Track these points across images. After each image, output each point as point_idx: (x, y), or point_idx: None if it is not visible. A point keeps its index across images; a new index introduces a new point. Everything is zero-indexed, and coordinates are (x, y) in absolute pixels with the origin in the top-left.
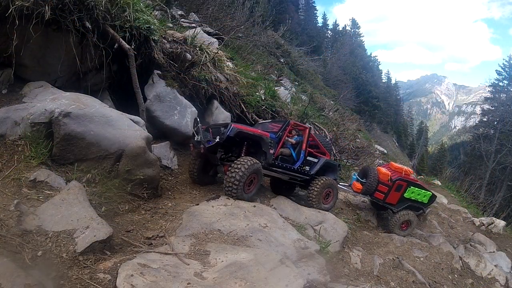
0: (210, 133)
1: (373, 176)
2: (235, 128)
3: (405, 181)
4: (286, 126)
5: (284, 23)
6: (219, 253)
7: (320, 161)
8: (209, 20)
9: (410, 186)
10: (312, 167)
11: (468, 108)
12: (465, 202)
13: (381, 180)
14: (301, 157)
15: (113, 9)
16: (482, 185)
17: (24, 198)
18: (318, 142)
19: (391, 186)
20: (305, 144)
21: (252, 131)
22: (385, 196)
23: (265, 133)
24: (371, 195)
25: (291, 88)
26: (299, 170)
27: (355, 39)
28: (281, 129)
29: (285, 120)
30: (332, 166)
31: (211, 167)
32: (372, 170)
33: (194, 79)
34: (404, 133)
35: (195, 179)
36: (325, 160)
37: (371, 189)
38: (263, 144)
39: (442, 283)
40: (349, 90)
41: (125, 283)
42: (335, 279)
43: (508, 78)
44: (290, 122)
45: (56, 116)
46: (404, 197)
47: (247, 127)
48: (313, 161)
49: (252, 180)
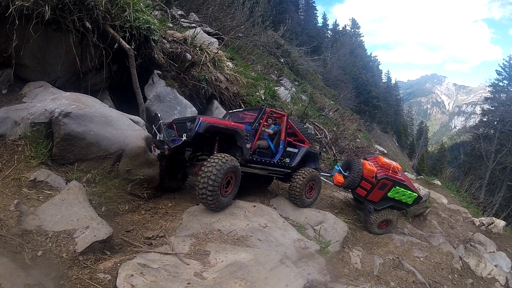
0: (175, 130)
1: (357, 170)
2: (204, 122)
3: (391, 181)
4: (262, 115)
5: (284, 23)
6: (219, 253)
7: (301, 151)
8: (209, 20)
9: (395, 186)
10: (292, 158)
11: (468, 108)
12: (465, 202)
13: (365, 176)
14: (280, 148)
15: (113, 9)
16: (482, 185)
17: (24, 198)
18: (296, 129)
19: (375, 184)
20: (283, 133)
21: (225, 124)
22: (367, 194)
23: (239, 125)
24: (352, 190)
25: (291, 88)
26: (279, 163)
27: (355, 39)
28: (256, 119)
29: (260, 108)
30: (313, 155)
31: (179, 169)
32: (356, 163)
33: (194, 79)
34: (404, 133)
35: (165, 185)
36: (306, 150)
37: (353, 184)
38: (238, 138)
39: (442, 283)
40: (349, 90)
41: (125, 283)
42: (335, 279)
43: (508, 78)
44: (266, 110)
45: (56, 116)
46: (388, 196)
47: (218, 120)
48: (293, 152)
49: (229, 180)
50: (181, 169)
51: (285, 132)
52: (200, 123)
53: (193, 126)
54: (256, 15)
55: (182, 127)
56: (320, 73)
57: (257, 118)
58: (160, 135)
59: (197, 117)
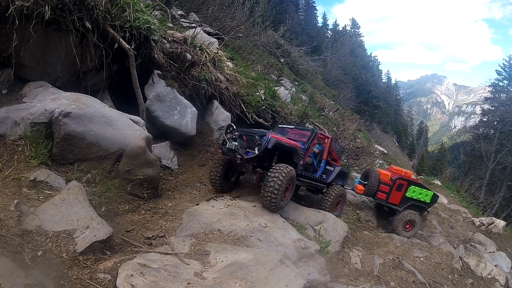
0: (244, 141)
1: (374, 176)
2: (272, 140)
3: (406, 181)
4: (314, 137)
5: (284, 23)
6: (219, 253)
7: (335, 170)
8: (209, 20)
9: (410, 185)
10: (328, 175)
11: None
12: (465, 202)
13: (382, 180)
14: (321, 166)
15: (113, 9)
16: (482, 185)
17: (24, 198)
18: (332, 149)
19: (392, 186)
20: (326, 153)
21: (288, 143)
22: (387, 196)
23: (297, 144)
24: (374, 196)
25: (291, 88)
26: (319, 179)
27: (355, 39)
28: (309, 140)
29: (312, 130)
30: (344, 174)
31: (233, 173)
32: (373, 171)
33: (194, 79)
34: (404, 133)
35: (217, 187)
36: (340, 169)
37: (373, 189)
38: (295, 155)
39: (442, 283)
40: (349, 90)
41: (125, 283)
42: (335, 279)
43: (508, 78)
44: (317, 133)
45: (56, 116)
46: (406, 197)
47: (281, 138)
48: (330, 170)
49: (287, 187)
50: (235, 173)
51: (327, 152)
52: (269, 140)
53: (263, 142)
54: (256, 15)
55: (251, 139)
56: (320, 73)
57: (309, 139)
58: (232, 144)
59: (265, 133)
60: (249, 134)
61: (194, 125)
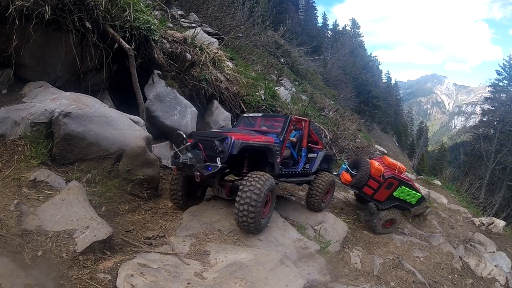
0: (202, 150)
1: (365, 169)
2: (237, 142)
3: (398, 180)
4: (289, 124)
5: (284, 23)
6: (219, 253)
7: (319, 155)
8: (209, 20)
9: (401, 186)
10: (312, 163)
11: (468, 108)
12: (465, 202)
13: (372, 175)
14: (302, 156)
15: (113, 9)
16: (482, 185)
17: (24, 198)
18: (312, 131)
19: (382, 183)
20: (305, 140)
21: (258, 141)
22: (374, 193)
23: (269, 139)
24: (359, 189)
25: (291, 88)
26: (303, 172)
27: (355, 39)
28: (283, 129)
29: (284, 116)
30: (328, 157)
31: (198, 187)
32: (364, 162)
33: (194, 79)
34: (404, 133)
35: (180, 205)
36: (324, 153)
37: (361, 183)
38: (270, 154)
39: (442, 283)
40: (349, 90)
41: (125, 283)
42: (335, 279)
43: (508, 78)
44: (292, 118)
45: (56, 116)
46: (393, 196)
47: (249, 136)
48: (312, 157)
49: (266, 201)
50: (201, 187)
51: (307, 138)
52: (233, 144)
53: (225, 147)
54: (256, 15)
55: (210, 146)
56: (320, 73)
57: (283, 129)
58: (186, 157)
59: (227, 136)
60: (206, 139)
61: (194, 125)
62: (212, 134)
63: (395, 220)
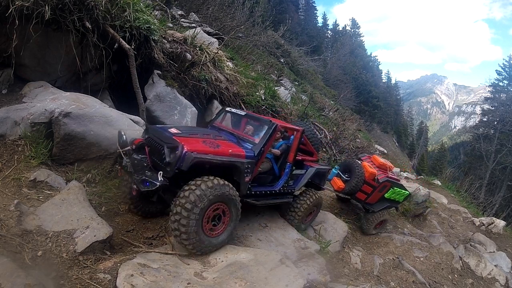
0: (147, 155)
1: (359, 174)
2: (190, 156)
3: (391, 182)
4: (272, 134)
5: (284, 23)
6: (219, 253)
7: (309, 172)
8: (209, 20)
9: (393, 187)
10: (297, 181)
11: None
12: (465, 202)
13: (366, 180)
14: (285, 172)
15: (113, 9)
16: (482, 185)
17: (24, 198)
18: (307, 140)
19: (376, 187)
20: (293, 154)
21: (220, 155)
22: (367, 197)
23: (239, 152)
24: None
25: (291, 88)
26: (281, 191)
27: (355, 39)
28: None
29: (268, 122)
30: (321, 174)
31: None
32: (357, 166)
33: (194, 79)
34: (404, 133)
35: (132, 209)
36: (315, 170)
37: (356, 190)
38: (235, 172)
39: (442, 283)
40: (349, 90)
41: (125, 283)
42: (335, 279)
43: (508, 78)
44: (277, 127)
45: (56, 116)
46: (384, 197)
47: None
48: (299, 174)
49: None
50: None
51: (295, 152)
52: (183, 157)
53: (173, 160)
54: (256, 15)
55: (158, 151)
56: (320, 73)
57: (263, 139)
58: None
59: (180, 145)
60: (156, 142)
61: (194, 125)
62: (164, 137)
63: (385, 220)
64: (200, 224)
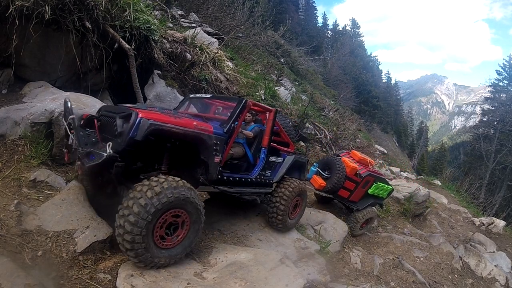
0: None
1: (340, 170)
2: (145, 122)
3: (373, 176)
4: (242, 110)
5: (284, 23)
6: (219, 253)
7: (287, 161)
8: (209, 20)
9: (376, 182)
10: (275, 171)
11: (468, 108)
12: (465, 202)
13: (348, 175)
14: (261, 158)
15: (113, 9)
16: (482, 185)
17: (24, 198)
18: (281, 128)
19: (359, 183)
20: (267, 137)
21: (182, 126)
22: (350, 194)
23: (205, 125)
24: (335, 193)
25: (291, 88)
26: (258, 180)
27: (355, 39)
28: (233, 116)
29: (238, 99)
30: (300, 164)
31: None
32: (338, 162)
33: (194, 79)
34: (404, 133)
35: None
36: (293, 159)
37: (338, 186)
38: (202, 148)
39: (442, 283)
40: (349, 90)
41: (125, 283)
42: (335, 279)
43: (508, 78)
44: (248, 103)
45: (56, 116)
46: (368, 194)
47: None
48: (276, 162)
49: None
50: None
51: (270, 135)
52: (139, 124)
53: (125, 129)
54: (256, 15)
55: (110, 125)
56: (320, 73)
57: (233, 115)
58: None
59: (133, 111)
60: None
61: None
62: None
63: (372, 219)
64: (150, 238)
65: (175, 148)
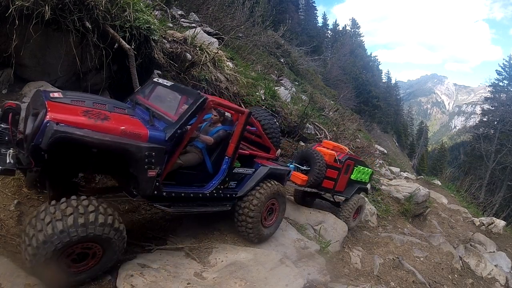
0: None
1: (319, 159)
2: (51, 127)
3: (353, 160)
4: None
5: (284, 23)
6: (219, 253)
7: (259, 172)
8: (209, 20)
9: (356, 165)
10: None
11: (468, 108)
12: (465, 202)
13: (328, 163)
14: (222, 169)
15: (113, 9)
16: (482, 185)
17: (24, 198)
18: (261, 130)
19: (341, 169)
20: (234, 145)
21: (102, 131)
22: (335, 183)
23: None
24: (319, 186)
25: (291, 88)
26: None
27: (355, 39)
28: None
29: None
30: (278, 176)
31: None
32: (314, 152)
33: (194, 79)
34: (404, 133)
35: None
36: (268, 170)
37: (320, 177)
38: (130, 160)
39: (442, 283)
40: (349, 90)
41: (125, 283)
42: (335, 279)
43: (508, 78)
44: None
45: None
46: (351, 180)
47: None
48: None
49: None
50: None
51: (236, 143)
52: (44, 129)
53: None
54: (256, 15)
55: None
56: (320, 73)
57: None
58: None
59: (43, 110)
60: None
61: None
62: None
63: (362, 207)
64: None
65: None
